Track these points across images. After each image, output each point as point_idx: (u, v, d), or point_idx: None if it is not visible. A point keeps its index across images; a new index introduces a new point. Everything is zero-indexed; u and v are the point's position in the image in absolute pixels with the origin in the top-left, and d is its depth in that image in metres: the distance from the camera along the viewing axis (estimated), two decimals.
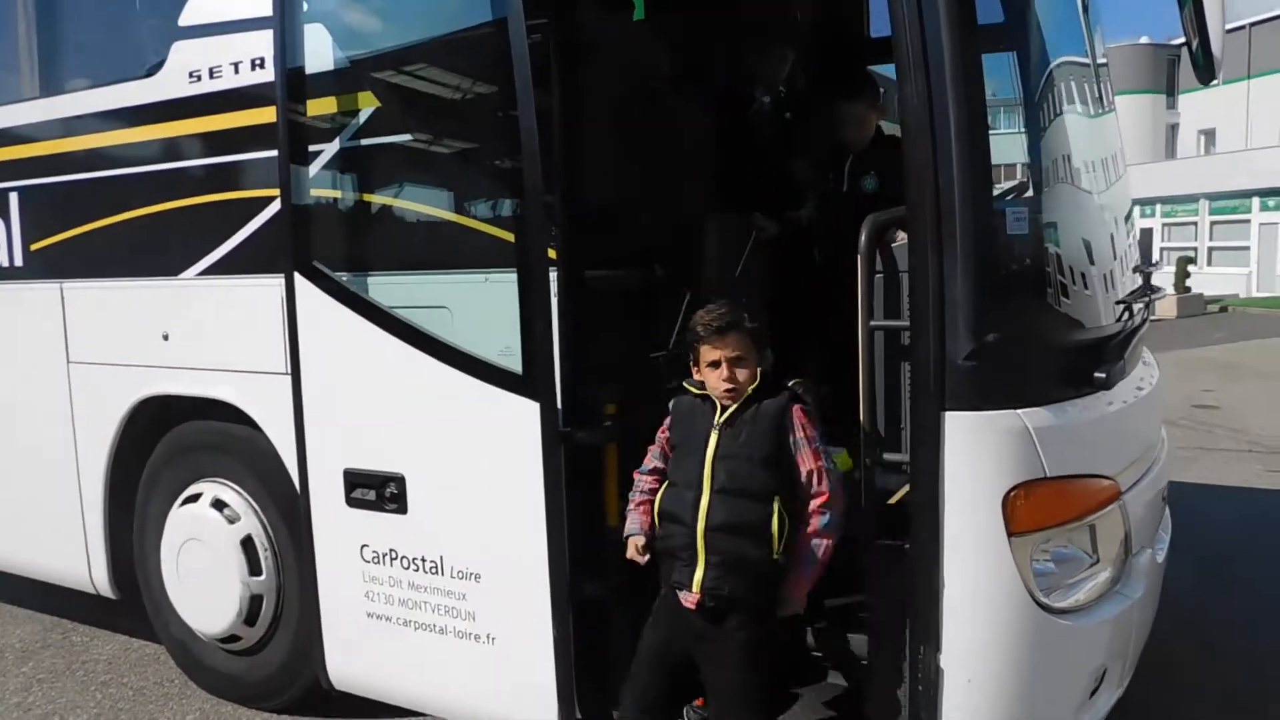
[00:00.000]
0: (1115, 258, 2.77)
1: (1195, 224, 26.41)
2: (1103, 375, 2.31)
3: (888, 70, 4.94)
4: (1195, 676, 3.75)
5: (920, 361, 2.25)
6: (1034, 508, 2.28)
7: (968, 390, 2.22)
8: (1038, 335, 2.38)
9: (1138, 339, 2.69)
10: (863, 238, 2.41)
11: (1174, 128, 33.38)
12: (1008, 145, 2.33)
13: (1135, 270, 2.98)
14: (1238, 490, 6.62)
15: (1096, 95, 2.85)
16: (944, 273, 2.19)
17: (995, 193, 2.26)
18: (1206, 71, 3.17)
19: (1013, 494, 2.25)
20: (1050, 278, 2.40)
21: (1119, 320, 2.64)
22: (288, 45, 2.98)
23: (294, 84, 3.00)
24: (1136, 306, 2.72)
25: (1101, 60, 3.07)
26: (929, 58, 2.16)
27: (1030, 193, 2.39)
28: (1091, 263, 2.56)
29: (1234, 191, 24.95)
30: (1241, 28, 26.71)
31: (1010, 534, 2.26)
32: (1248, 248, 25.00)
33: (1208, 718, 3.46)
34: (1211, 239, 26.27)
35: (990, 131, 2.18)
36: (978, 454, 2.24)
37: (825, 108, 3.64)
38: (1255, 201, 24.83)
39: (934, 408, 2.24)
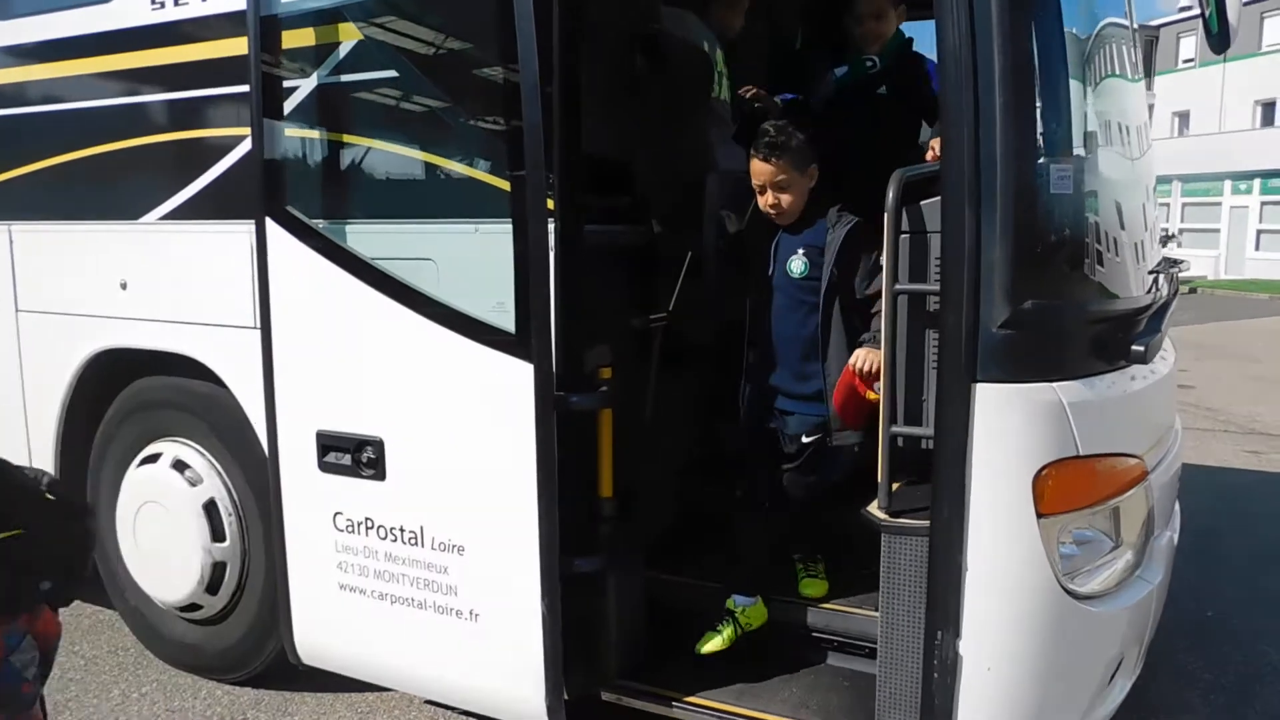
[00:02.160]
0: (1146, 228, 2.63)
1: (1167, 205, 26.62)
2: (1141, 349, 2.17)
3: None
4: (1189, 657, 3.70)
5: (950, 329, 2.08)
6: (1064, 488, 2.14)
7: (1001, 361, 2.07)
8: (1076, 303, 2.23)
9: (1170, 311, 2.55)
10: (890, 194, 2.24)
11: (1149, 109, 33.52)
12: (1050, 99, 2.15)
13: (1162, 241, 2.85)
14: (1217, 470, 6.61)
15: (1134, 59, 2.68)
16: (980, 232, 2.02)
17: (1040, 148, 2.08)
18: (1221, 40, 3.03)
19: (1044, 473, 2.11)
20: (1089, 243, 2.24)
21: (1149, 291, 2.50)
22: None
23: (268, 12, 2.76)
24: (1165, 278, 2.58)
25: (1136, 25, 2.91)
26: None
27: (1072, 152, 2.22)
28: (1124, 230, 2.41)
29: (1206, 174, 25.13)
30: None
31: (1039, 515, 2.12)
32: (1218, 230, 25.25)
33: (1200, 699, 3.39)
34: (1183, 221, 26.48)
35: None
36: (1009, 429, 2.09)
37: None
38: (1227, 185, 25.04)
39: (964, 379, 2.08)
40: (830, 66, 3.28)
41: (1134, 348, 2.19)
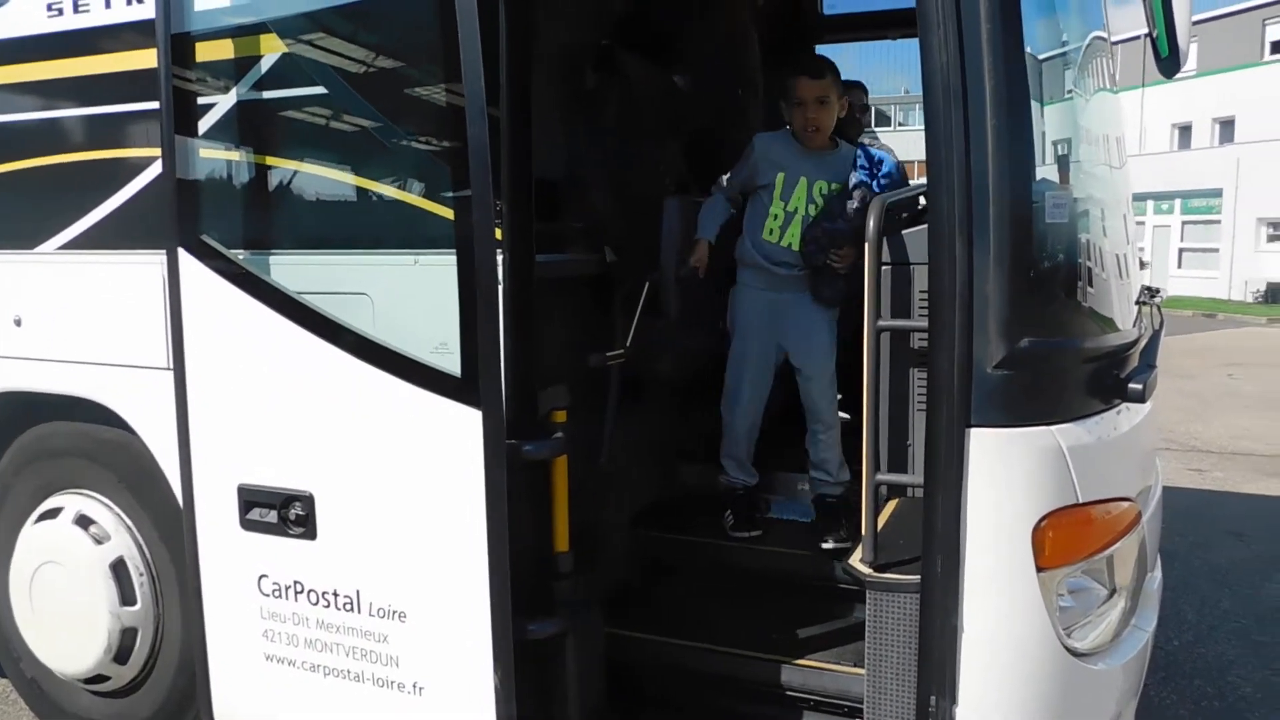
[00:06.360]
0: (1131, 255, 2.51)
1: None
2: (1139, 387, 2.03)
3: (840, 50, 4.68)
4: (1163, 692, 3.62)
5: (942, 370, 1.91)
6: (1064, 538, 1.99)
7: (997, 404, 1.91)
8: (1074, 339, 2.08)
9: (1161, 343, 2.43)
10: (870, 222, 2.07)
11: None
12: (1045, 119, 2.00)
13: (1142, 267, 2.75)
14: (1165, 490, 6.61)
15: (1112, 72, 2.58)
16: (973, 265, 1.86)
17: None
18: (1172, 63, 2.95)
19: (1043, 523, 1.95)
20: (1085, 274, 2.10)
21: (1136, 324, 2.38)
22: None
23: (180, 21, 2.49)
24: (1151, 308, 2.46)
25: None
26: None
27: (1068, 177, 2.09)
28: (1115, 258, 2.28)
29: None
30: (1137, 38, 27.72)
31: (1038, 569, 1.96)
32: (1141, 249, 26.04)
33: None
34: None
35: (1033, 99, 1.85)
36: (1008, 477, 1.92)
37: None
38: (1149, 205, 25.86)
39: (957, 424, 1.91)
40: None
41: (1131, 385, 2.05)
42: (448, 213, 2.29)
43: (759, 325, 3.04)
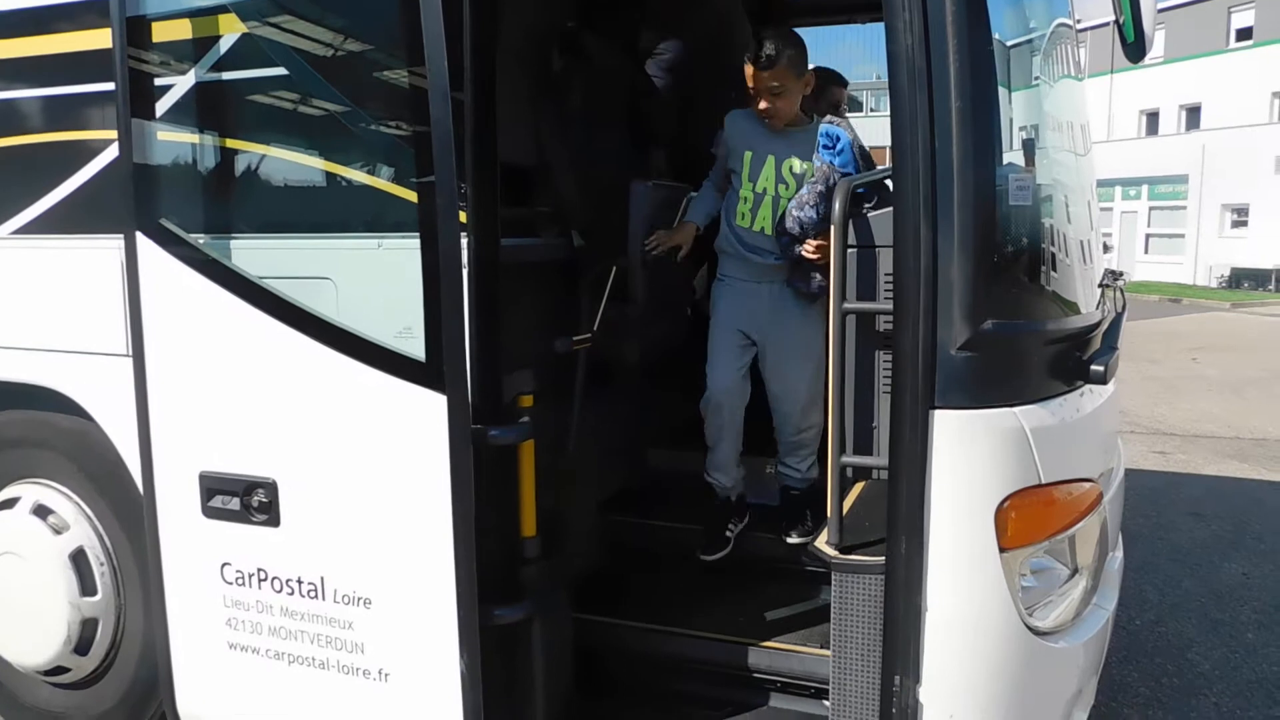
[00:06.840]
0: (1094, 239, 2.53)
1: None
2: (1101, 369, 2.05)
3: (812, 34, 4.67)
4: (1125, 670, 3.68)
5: (906, 352, 1.92)
6: (1027, 519, 2.01)
7: (961, 385, 1.92)
8: (1037, 322, 2.09)
9: (1123, 326, 2.46)
10: (836, 205, 2.07)
11: None
12: (1010, 103, 2.01)
13: (1104, 249, 2.77)
14: (1129, 472, 6.68)
15: (1077, 59, 2.59)
16: (938, 248, 1.87)
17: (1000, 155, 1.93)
18: (1137, 49, 2.97)
19: (1006, 504, 1.97)
20: (1048, 257, 2.12)
21: (1099, 307, 2.40)
22: None
23: (137, 2, 2.43)
24: (1114, 290, 2.49)
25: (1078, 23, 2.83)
26: None
27: (1032, 160, 2.09)
28: (1079, 241, 2.30)
29: (1098, 180, 26.21)
30: (1107, 24, 27.81)
31: (1001, 550, 1.98)
32: (1109, 234, 26.36)
33: (1139, 716, 3.35)
34: None
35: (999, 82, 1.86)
36: (971, 459, 1.94)
37: None
38: (1117, 190, 26.16)
39: (921, 405, 1.92)
40: None
41: (1093, 367, 2.07)
42: (412, 196, 2.26)
43: (736, 318, 2.89)
